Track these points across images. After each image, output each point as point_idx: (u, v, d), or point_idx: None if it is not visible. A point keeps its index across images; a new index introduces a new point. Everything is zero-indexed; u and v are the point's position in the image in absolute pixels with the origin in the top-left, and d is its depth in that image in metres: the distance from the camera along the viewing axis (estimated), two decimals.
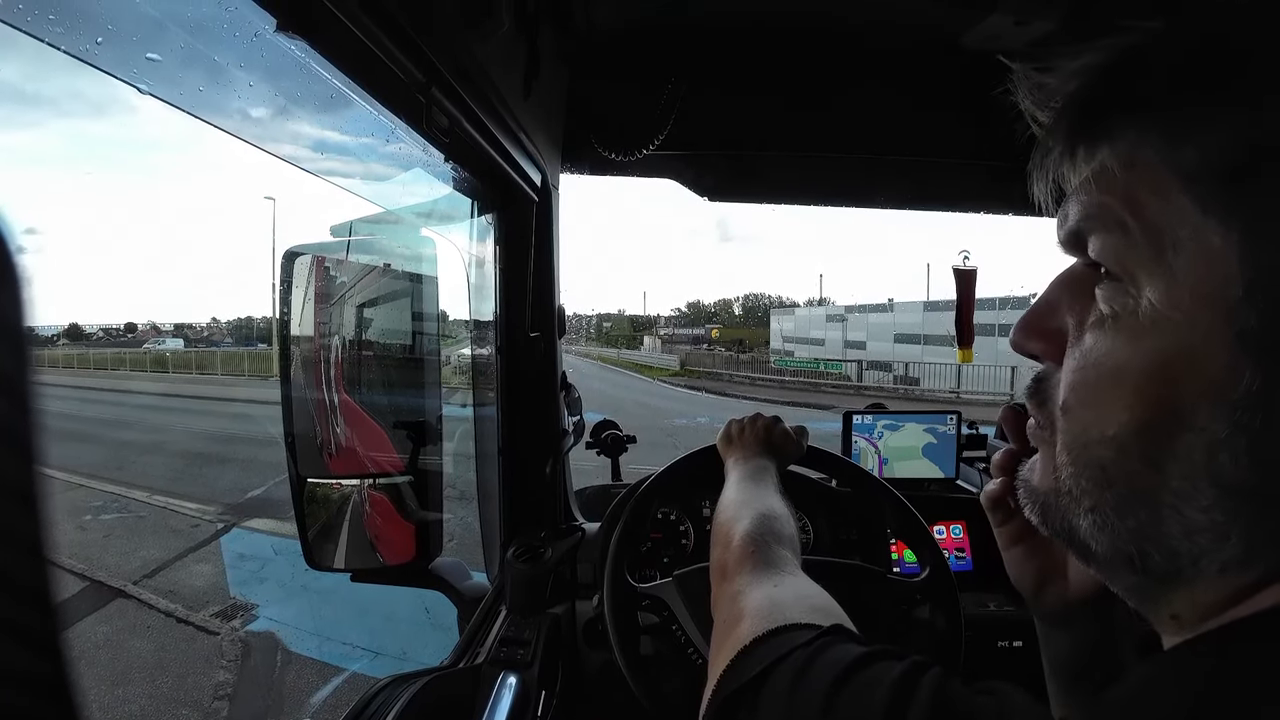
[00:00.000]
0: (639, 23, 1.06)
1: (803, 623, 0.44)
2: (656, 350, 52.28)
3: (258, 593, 5.24)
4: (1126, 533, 0.30)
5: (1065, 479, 0.33)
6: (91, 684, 3.87)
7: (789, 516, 0.74)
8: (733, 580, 0.59)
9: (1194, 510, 0.28)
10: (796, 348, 41.18)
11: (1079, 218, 0.32)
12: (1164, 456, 0.28)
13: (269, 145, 0.70)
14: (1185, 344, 0.27)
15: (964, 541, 1.44)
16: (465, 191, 1.10)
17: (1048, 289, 0.35)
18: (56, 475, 7.36)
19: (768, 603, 0.51)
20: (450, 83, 0.69)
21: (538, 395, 1.27)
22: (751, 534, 0.65)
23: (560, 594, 1.23)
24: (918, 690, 0.33)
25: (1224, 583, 0.29)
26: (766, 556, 0.62)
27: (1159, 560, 0.30)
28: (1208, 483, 0.27)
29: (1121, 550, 0.31)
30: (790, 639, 0.42)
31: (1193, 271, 0.27)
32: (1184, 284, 0.27)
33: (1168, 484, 0.28)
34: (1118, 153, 0.30)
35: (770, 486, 0.83)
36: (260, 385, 22.14)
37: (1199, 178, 0.27)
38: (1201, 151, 0.27)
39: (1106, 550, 0.32)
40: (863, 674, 0.36)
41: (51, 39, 0.44)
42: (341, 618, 4.59)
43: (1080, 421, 0.32)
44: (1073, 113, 0.32)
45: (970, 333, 1.45)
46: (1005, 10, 0.92)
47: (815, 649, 0.40)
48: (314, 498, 1.06)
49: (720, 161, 1.39)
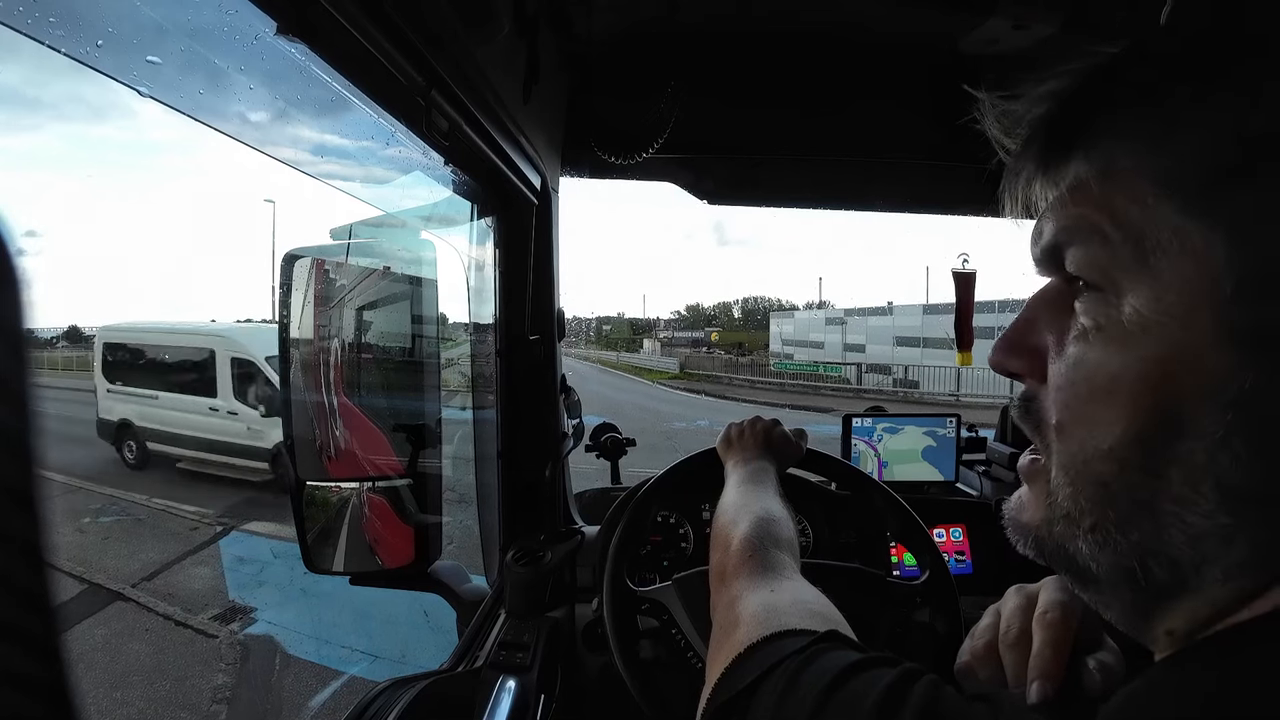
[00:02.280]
0: (638, 27, 1.07)
1: (797, 629, 0.44)
2: (656, 353, 52.28)
3: (256, 596, 5.23)
4: (1129, 547, 0.30)
5: (1062, 501, 0.32)
6: (90, 687, 3.85)
7: (788, 519, 0.74)
8: (731, 585, 0.59)
9: (1197, 516, 0.27)
10: (796, 351, 41.17)
11: (1055, 232, 0.32)
12: (1164, 464, 0.28)
13: (269, 148, 0.70)
14: (1177, 346, 0.27)
15: (964, 544, 1.44)
16: (465, 195, 1.10)
17: (1025, 308, 0.35)
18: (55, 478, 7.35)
19: (763, 609, 0.51)
20: (450, 86, 0.69)
21: (537, 398, 1.27)
22: (750, 538, 0.65)
23: (559, 597, 1.23)
24: (908, 698, 0.32)
25: (1225, 590, 0.28)
26: (764, 561, 0.61)
27: (1160, 573, 0.29)
28: (1210, 486, 0.27)
29: (1123, 566, 0.30)
30: (783, 646, 0.42)
31: (1178, 273, 0.27)
32: (1170, 286, 0.27)
33: (1169, 491, 0.28)
34: (1093, 165, 0.30)
35: (769, 488, 0.83)
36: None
37: (1179, 180, 0.27)
38: (1179, 155, 0.27)
39: (1108, 569, 0.31)
40: (852, 682, 0.36)
41: (52, 41, 0.45)
42: (340, 621, 4.58)
43: (1076, 439, 0.31)
44: (1044, 133, 0.33)
45: (969, 336, 1.45)
46: (1004, 14, 0.92)
47: (807, 656, 0.40)
48: (313, 501, 1.06)
49: (719, 165, 1.39)
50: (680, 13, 1.03)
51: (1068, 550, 0.32)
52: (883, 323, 33.26)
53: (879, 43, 1.09)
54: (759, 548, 0.63)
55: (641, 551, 1.30)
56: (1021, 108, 0.34)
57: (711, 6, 1.04)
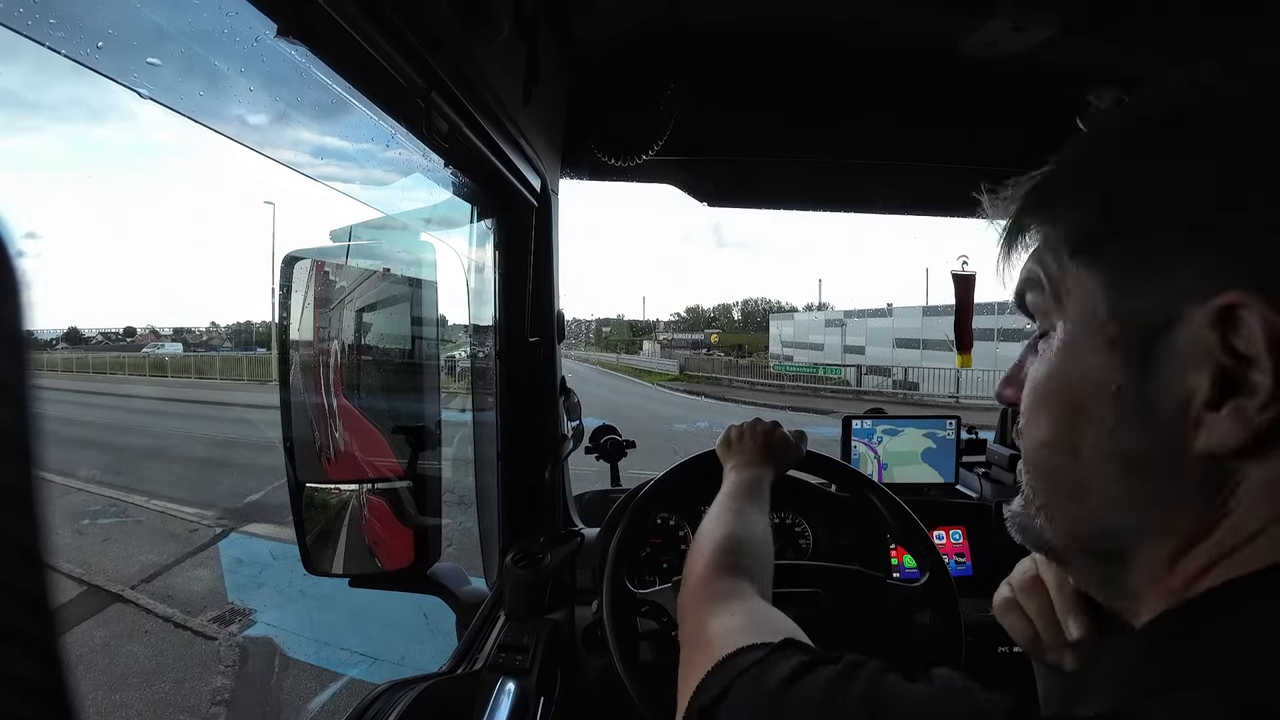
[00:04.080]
0: (638, 29, 1.07)
1: (756, 643, 0.46)
2: (656, 355, 52.25)
3: (255, 598, 5.23)
4: (1070, 519, 0.39)
5: (1026, 488, 0.42)
6: (89, 689, 3.85)
7: (765, 537, 0.78)
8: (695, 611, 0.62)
9: (1109, 484, 0.36)
10: (795, 353, 41.17)
11: (1020, 282, 0.43)
12: (1079, 447, 0.37)
13: (269, 150, 0.70)
14: (1079, 359, 0.37)
15: (964, 546, 1.44)
16: (465, 196, 1.10)
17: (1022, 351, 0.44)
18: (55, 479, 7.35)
19: (722, 631, 0.54)
20: (450, 88, 0.69)
21: (537, 400, 1.27)
22: (714, 564, 0.69)
23: (559, 599, 1.22)
24: (852, 684, 0.36)
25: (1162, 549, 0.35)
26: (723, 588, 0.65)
27: (1099, 539, 0.38)
28: (1111, 461, 0.35)
29: (1073, 537, 0.39)
30: (741, 661, 0.45)
31: (1077, 307, 0.37)
32: (1072, 318, 0.37)
33: (1087, 468, 0.37)
34: (1036, 237, 0.41)
35: (755, 504, 0.85)
36: (259, 390, 22.12)
37: (1076, 243, 0.38)
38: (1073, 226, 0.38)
39: (1063, 540, 0.40)
40: (804, 679, 0.39)
41: (53, 43, 0.45)
42: (339, 623, 4.57)
43: (1028, 437, 0.41)
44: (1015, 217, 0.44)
45: (969, 337, 1.45)
46: (1003, 16, 0.92)
47: (766, 664, 0.43)
48: (313, 503, 1.06)
49: (720, 167, 1.39)
50: (680, 15, 1.04)
51: (1036, 529, 0.41)
52: (882, 324, 33.28)
53: (879, 45, 1.09)
54: (721, 574, 0.67)
55: (641, 554, 1.29)
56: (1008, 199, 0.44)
57: (712, 9, 1.04)
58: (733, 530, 0.76)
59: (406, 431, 1.10)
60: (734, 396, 24.54)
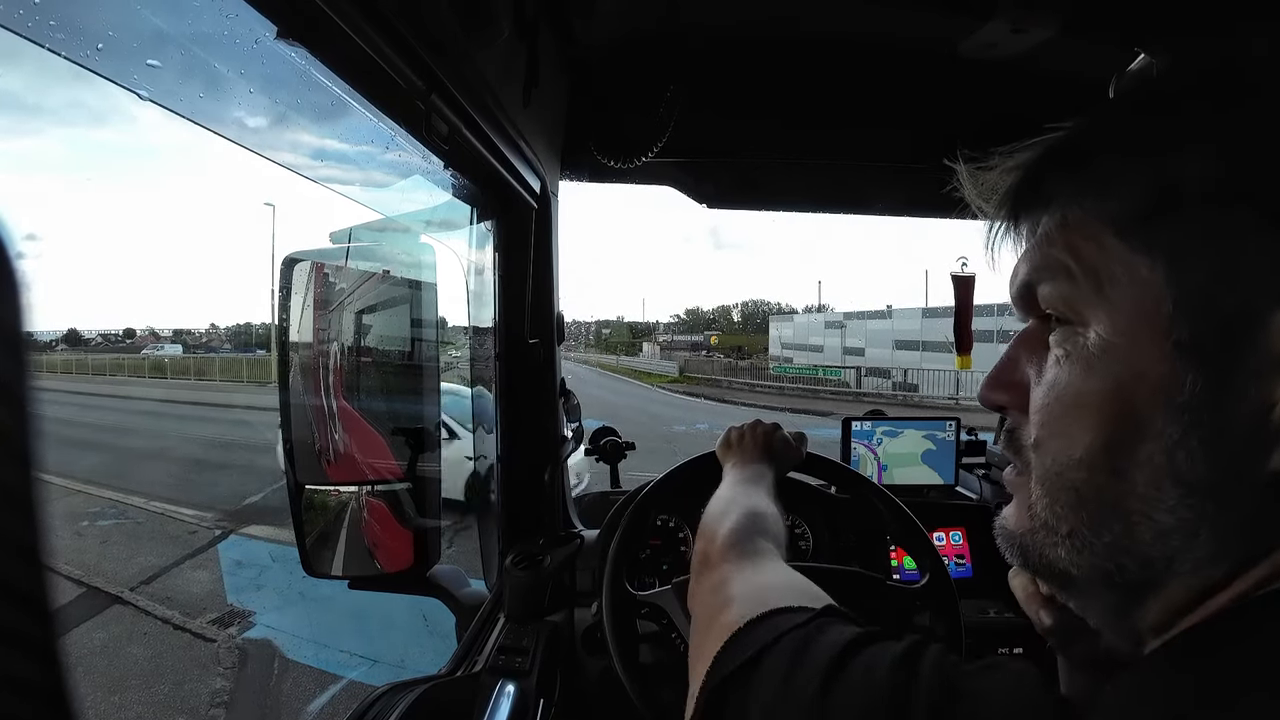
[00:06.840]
0: (638, 31, 1.07)
1: (795, 606, 0.43)
2: (655, 357, 52.20)
3: (255, 600, 5.21)
4: (1103, 548, 0.33)
5: (1040, 511, 0.35)
6: (88, 690, 3.84)
7: (778, 517, 0.74)
8: (716, 569, 0.58)
9: (1162, 513, 0.31)
10: (795, 354, 41.20)
11: (1028, 272, 0.37)
12: (1128, 466, 0.31)
13: (269, 152, 0.70)
14: (1132, 361, 0.31)
15: (964, 548, 1.44)
16: (465, 198, 1.10)
17: (1009, 348, 0.39)
18: (54, 481, 7.34)
19: (754, 588, 0.50)
20: (450, 90, 0.69)
21: (536, 402, 1.27)
22: (737, 529, 0.65)
23: (559, 601, 1.22)
24: (920, 666, 0.33)
25: (1197, 580, 0.31)
26: (751, 548, 0.61)
27: (1135, 570, 0.32)
28: (1170, 483, 0.30)
29: (1100, 567, 0.33)
30: (782, 622, 0.41)
31: (1129, 299, 0.32)
32: (1123, 311, 0.32)
33: (1135, 491, 0.31)
34: (1054, 217, 0.35)
35: (763, 489, 0.83)
36: (258, 392, 22.11)
37: (1124, 222, 0.32)
38: (1122, 201, 0.32)
39: (1085, 571, 0.34)
40: (862, 655, 0.36)
41: (53, 45, 0.45)
42: (339, 625, 4.57)
43: (1050, 452, 0.34)
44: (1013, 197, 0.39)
45: (969, 339, 1.45)
46: (1002, 18, 0.92)
47: (811, 630, 0.39)
48: (312, 504, 1.06)
49: (719, 168, 1.39)
50: (680, 18, 1.04)
51: (1048, 557, 0.35)
52: (882, 326, 33.32)
53: (878, 47, 1.09)
54: (745, 537, 0.63)
55: (641, 555, 1.29)
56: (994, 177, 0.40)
57: (711, 12, 1.04)
58: (754, 502, 0.74)
59: (406, 433, 1.09)
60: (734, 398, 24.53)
